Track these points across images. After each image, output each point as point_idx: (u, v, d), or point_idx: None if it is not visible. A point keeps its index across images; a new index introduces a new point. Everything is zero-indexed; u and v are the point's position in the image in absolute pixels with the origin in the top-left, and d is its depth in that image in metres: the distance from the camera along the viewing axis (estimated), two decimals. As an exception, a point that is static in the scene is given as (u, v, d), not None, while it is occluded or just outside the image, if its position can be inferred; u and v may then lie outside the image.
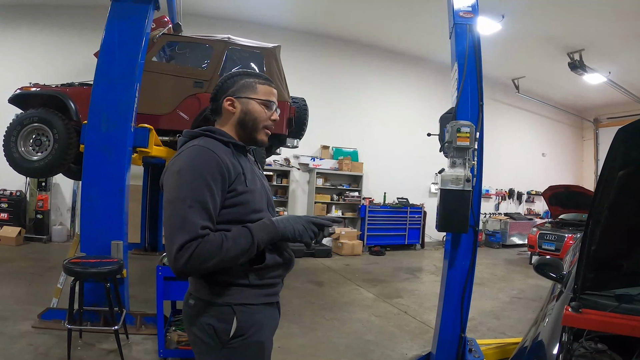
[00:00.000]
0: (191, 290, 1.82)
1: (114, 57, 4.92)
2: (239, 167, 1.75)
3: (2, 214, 9.45)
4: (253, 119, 1.86)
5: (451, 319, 4.04)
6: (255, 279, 1.75)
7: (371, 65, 12.61)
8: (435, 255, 11.51)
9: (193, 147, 1.69)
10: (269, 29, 10.70)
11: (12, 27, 10.16)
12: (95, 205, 4.70)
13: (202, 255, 1.52)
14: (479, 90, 4.21)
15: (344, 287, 7.44)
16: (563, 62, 11.76)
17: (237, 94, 1.86)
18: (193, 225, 1.53)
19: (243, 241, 1.62)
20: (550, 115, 16.69)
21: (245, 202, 1.73)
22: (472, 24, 4.33)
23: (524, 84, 14.36)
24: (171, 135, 5.88)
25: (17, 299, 5.53)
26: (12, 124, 5.69)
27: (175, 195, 1.59)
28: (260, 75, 1.93)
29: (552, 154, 16.73)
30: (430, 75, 13.26)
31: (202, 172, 1.61)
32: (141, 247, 8.55)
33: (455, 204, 3.71)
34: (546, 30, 10.41)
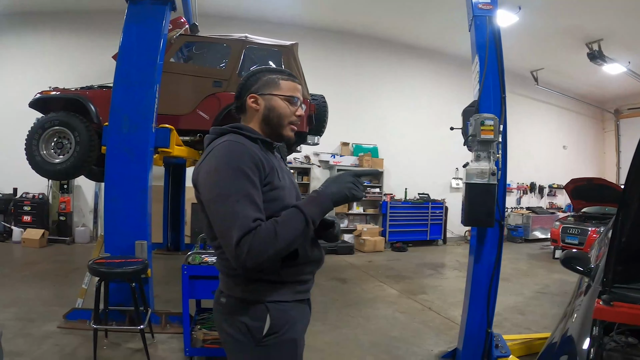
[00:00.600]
0: (222, 288, 1.80)
1: (133, 59, 4.94)
2: (271, 162, 1.73)
3: (26, 216, 9.58)
4: (277, 115, 1.83)
5: (477, 315, 4.00)
6: (288, 276, 1.73)
7: (389, 60, 12.53)
8: (457, 251, 11.42)
9: (225, 142, 1.67)
10: (284, 27, 10.67)
11: (32, 32, 10.36)
12: (118, 206, 4.74)
13: (259, 246, 1.48)
14: (500, 83, 4.16)
15: (367, 283, 7.41)
16: (582, 52, 11.54)
17: (260, 90, 1.84)
18: (244, 219, 1.50)
19: (295, 221, 1.57)
20: (570, 107, 16.42)
21: (279, 198, 1.71)
22: (491, 15, 4.28)
23: (543, 76, 14.14)
24: (192, 135, 5.89)
25: (42, 300, 5.60)
26: (34, 127, 5.76)
27: (219, 193, 1.57)
28: (283, 71, 1.91)
29: (573, 146, 16.46)
30: (450, 70, 13.13)
31: (240, 166, 1.59)
32: (163, 247, 8.61)
33: (481, 197, 3.66)
34: (564, 21, 10.23)
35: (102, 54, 7.84)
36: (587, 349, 2.15)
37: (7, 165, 9.51)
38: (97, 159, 5.70)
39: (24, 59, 10.30)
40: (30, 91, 6.31)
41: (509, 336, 4.57)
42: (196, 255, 3.95)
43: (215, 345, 3.94)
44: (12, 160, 8.14)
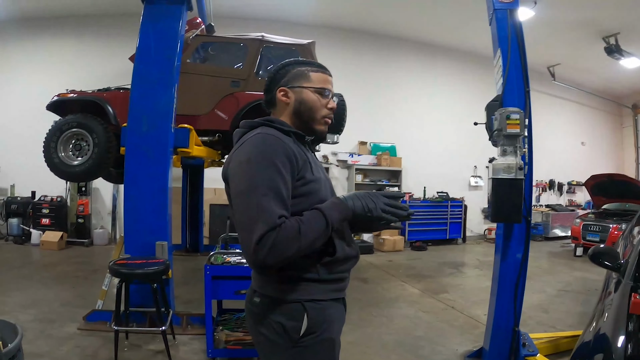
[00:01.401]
0: (255, 287, 1.73)
1: (151, 60, 4.92)
2: (304, 155, 1.68)
3: (44, 219, 9.62)
4: (308, 108, 1.77)
5: (504, 313, 3.92)
6: (326, 273, 1.67)
7: (406, 59, 12.45)
8: (477, 250, 11.30)
9: (257, 135, 1.62)
10: (300, 26, 10.59)
11: (49, 36, 10.47)
12: (138, 207, 4.72)
13: (282, 244, 1.43)
14: (524, 76, 4.11)
15: (388, 283, 7.34)
16: (599, 47, 11.35)
17: (290, 83, 1.78)
18: (270, 214, 1.45)
19: (317, 223, 1.52)
20: (588, 103, 16.17)
21: (314, 192, 1.66)
22: (512, 8, 4.20)
23: (560, 71, 13.90)
24: (210, 135, 5.87)
25: (62, 301, 5.61)
26: (52, 130, 5.77)
27: (247, 185, 1.51)
28: (313, 63, 1.85)
29: (591, 142, 16.21)
30: (467, 67, 13.05)
31: (271, 159, 1.53)
32: (182, 248, 8.61)
33: (508, 193, 3.58)
34: (579, 15, 10.05)
35: (118, 56, 7.89)
36: (623, 346, 2.11)
37: (25, 169, 9.59)
38: (115, 160, 5.71)
39: (41, 62, 10.39)
40: (47, 94, 6.34)
41: (535, 335, 4.48)
42: (218, 255, 3.92)
43: (238, 346, 3.91)
44: (30, 163, 8.21)
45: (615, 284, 2.91)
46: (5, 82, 10.40)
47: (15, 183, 10.21)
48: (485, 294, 6.40)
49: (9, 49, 10.46)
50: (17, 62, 10.44)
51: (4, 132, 10.17)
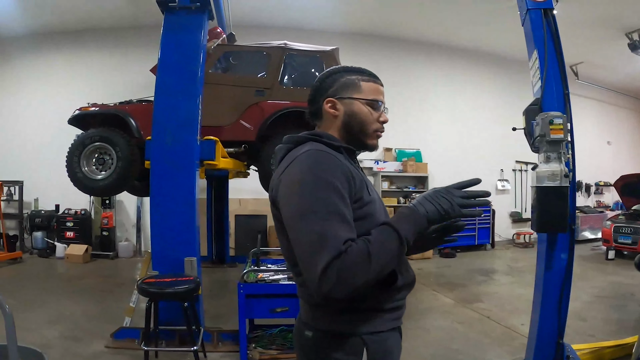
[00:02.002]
0: (305, 319, 1.57)
1: (173, 71, 4.85)
2: (360, 174, 1.53)
3: (69, 232, 9.65)
4: (359, 121, 1.61)
5: (548, 324, 3.73)
6: (385, 302, 1.51)
7: (428, 63, 12.31)
8: (507, 255, 11.05)
9: (309, 152, 1.45)
10: (322, 34, 10.50)
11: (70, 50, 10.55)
12: (165, 222, 4.62)
13: (351, 271, 1.25)
14: (562, 78, 3.92)
15: (420, 292, 7.13)
16: (622, 43, 11.08)
17: (339, 94, 1.61)
18: (334, 240, 1.28)
19: (389, 241, 1.34)
20: (613, 101, 15.82)
21: (372, 214, 1.49)
22: (547, 7, 4.04)
23: (583, 70, 13.60)
24: (236, 146, 5.78)
25: (88, 317, 5.55)
26: (74, 144, 5.72)
27: (305, 209, 1.34)
28: (363, 71, 1.67)
29: (617, 141, 15.84)
30: (492, 70, 12.91)
31: (328, 179, 1.37)
32: (208, 260, 8.53)
33: (553, 201, 3.41)
34: (602, 12, 9.85)
35: (139, 68, 7.88)
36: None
37: (49, 183, 9.67)
38: (139, 173, 5.64)
39: (63, 75, 10.48)
40: (69, 108, 6.31)
41: (576, 345, 4.28)
42: (251, 272, 3.80)
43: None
44: (54, 177, 8.27)
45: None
46: (27, 97, 10.52)
47: (39, 197, 10.29)
48: (520, 303, 6.30)
49: (31, 63, 10.57)
50: (38, 77, 10.54)
51: (27, 146, 10.28)
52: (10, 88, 10.61)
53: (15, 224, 10.06)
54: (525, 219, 13.04)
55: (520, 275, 8.44)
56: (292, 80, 6.27)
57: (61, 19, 9.94)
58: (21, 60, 10.59)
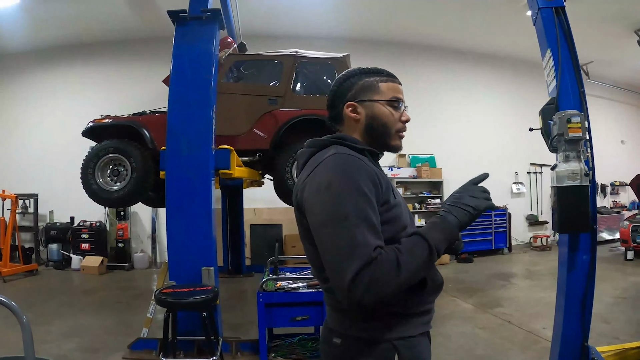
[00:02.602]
0: (333, 326, 1.54)
1: (187, 81, 4.85)
2: (385, 177, 1.50)
3: (84, 244, 9.72)
4: (382, 123, 1.58)
5: (573, 327, 3.66)
6: (415, 306, 1.48)
7: (440, 67, 12.28)
8: (525, 259, 10.95)
9: (335, 155, 1.43)
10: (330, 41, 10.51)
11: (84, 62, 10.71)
12: (182, 232, 4.60)
13: (380, 280, 1.24)
14: (577, 76, 3.87)
15: (440, 298, 6.86)
16: (631, 40, 11.00)
17: (359, 97, 1.59)
18: (364, 247, 1.26)
19: (419, 250, 1.32)
20: (625, 100, 15.67)
21: (398, 217, 1.46)
22: (558, 6, 4.01)
23: (594, 69, 13.44)
24: (250, 155, 5.77)
25: (106, 329, 5.56)
26: (88, 156, 5.74)
27: (333, 215, 1.32)
28: (380, 72, 1.65)
29: (631, 140, 15.65)
30: (504, 72, 12.85)
31: (357, 184, 1.34)
32: (225, 270, 8.51)
33: (574, 201, 3.34)
34: (610, 9, 9.77)
35: (152, 79, 7.92)
36: None
37: (64, 195, 9.72)
38: (154, 184, 5.65)
39: (75, 88, 10.61)
40: (83, 120, 6.34)
41: (601, 348, 4.20)
42: (269, 281, 3.78)
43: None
44: (69, 189, 8.30)
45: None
46: (41, 110, 10.66)
47: (54, 209, 10.40)
48: (541, 306, 6.22)
49: (43, 77, 10.73)
50: (51, 90, 10.70)
51: (41, 159, 10.38)
52: (24, 102, 10.75)
53: (31, 237, 10.15)
54: (541, 221, 12.92)
55: (540, 279, 8.34)
56: (305, 87, 6.26)
57: (72, 33, 10.06)
58: (34, 74, 10.74)
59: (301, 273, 4.24)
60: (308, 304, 3.61)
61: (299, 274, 4.24)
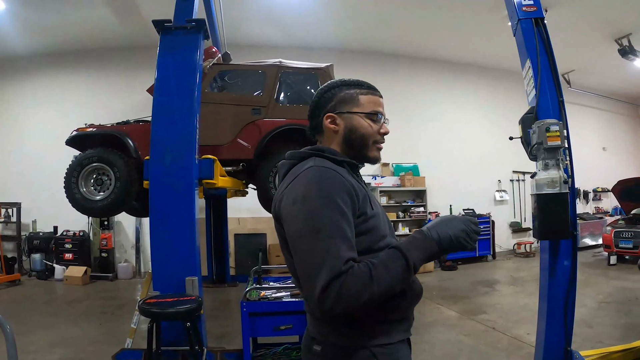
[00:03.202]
0: (313, 334, 1.56)
1: (171, 91, 4.83)
2: (363, 188, 1.53)
3: (67, 254, 9.61)
4: (360, 135, 1.62)
5: (555, 332, 3.71)
6: (394, 314, 1.51)
7: (422, 77, 12.44)
8: (508, 266, 11.07)
9: (312, 168, 1.46)
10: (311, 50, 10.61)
11: (67, 70, 10.67)
12: (165, 242, 4.56)
13: (350, 292, 1.28)
14: (556, 85, 3.95)
15: (424, 306, 7.08)
16: (612, 49, 11.24)
17: (338, 109, 1.63)
18: (335, 259, 1.30)
19: (395, 265, 1.36)
20: (605, 107, 15.98)
21: (376, 228, 1.50)
22: (537, 17, 4.09)
23: (575, 78, 13.71)
24: (234, 164, 5.75)
25: (90, 339, 5.52)
26: (72, 165, 5.69)
27: (308, 227, 1.36)
28: (361, 84, 1.68)
29: (612, 147, 15.95)
30: (485, 82, 13.08)
31: (332, 196, 1.38)
32: (209, 280, 8.44)
33: (554, 208, 3.42)
34: (590, 19, 9.99)
35: (136, 88, 7.91)
36: None
37: (47, 204, 9.64)
38: (137, 194, 5.62)
39: (60, 97, 10.54)
40: (66, 128, 6.29)
41: (585, 352, 4.27)
42: (253, 290, 3.77)
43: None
44: (52, 198, 8.24)
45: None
46: (24, 118, 10.57)
47: (37, 218, 10.27)
48: (525, 312, 6.28)
49: (28, 84, 10.67)
50: (35, 98, 10.62)
51: (24, 168, 10.28)
52: (7, 109, 10.65)
53: (13, 246, 10.02)
54: (525, 228, 13.06)
55: (523, 285, 8.43)
56: (288, 97, 6.29)
57: (57, 41, 10.02)
58: (18, 82, 10.67)
59: (285, 282, 4.24)
60: (292, 313, 3.61)
61: (283, 283, 4.23)
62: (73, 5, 8.58)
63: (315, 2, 9.10)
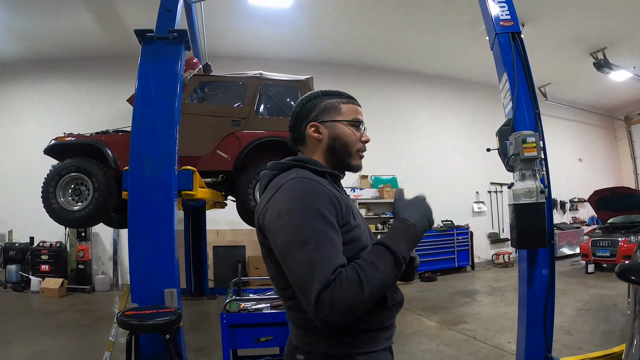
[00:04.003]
0: (296, 343, 1.56)
1: (151, 101, 4.78)
2: (345, 198, 1.55)
3: (44, 265, 9.44)
4: (344, 144, 1.65)
5: (536, 340, 3.76)
6: (376, 322, 1.52)
7: (401, 90, 12.59)
8: (487, 276, 11.16)
9: (295, 179, 1.47)
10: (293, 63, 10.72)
11: (45, 79, 10.50)
12: (144, 253, 4.48)
13: (341, 299, 1.27)
14: (532, 98, 4.04)
15: (404, 317, 7.10)
16: (587, 62, 11.54)
17: (321, 117, 1.65)
18: (322, 270, 1.30)
19: (384, 262, 1.36)
20: (581, 120, 16.35)
21: (358, 238, 1.51)
22: (514, 31, 4.19)
23: (551, 90, 14.01)
24: (213, 176, 5.74)
25: (67, 352, 5.44)
26: (50, 175, 5.60)
27: (295, 239, 1.36)
28: (341, 94, 1.72)
29: (588, 158, 16.31)
30: (462, 95, 13.30)
31: (316, 207, 1.39)
32: (188, 292, 8.33)
33: (531, 217, 3.50)
34: (567, 33, 10.25)
35: (116, 98, 7.85)
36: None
37: (23, 214, 9.46)
38: (116, 204, 5.55)
39: (38, 106, 10.38)
40: (45, 138, 6.20)
41: (565, 359, 4.37)
42: (233, 302, 3.75)
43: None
44: (29, 208, 8.10)
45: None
46: (1, 127, 10.34)
47: (13, 229, 10.04)
48: (505, 321, 6.35)
49: (5, 92, 10.48)
50: (14, 107, 10.44)
51: (1, 177, 10.06)
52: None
53: (-11, 257, 9.76)
54: (503, 239, 13.22)
55: (503, 295, 8.51)
56: (268, 109, 6.31)
57: (36, 48, 9.89)
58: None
59: (265, 294, 4.23)
60: (272, 325, 3.60)
61: (263, 295, 4.22)
62: (55, 13, 8.51)
63: (295, 16, 9.17)
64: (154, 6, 4.93)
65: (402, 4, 8.95)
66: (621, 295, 7.04)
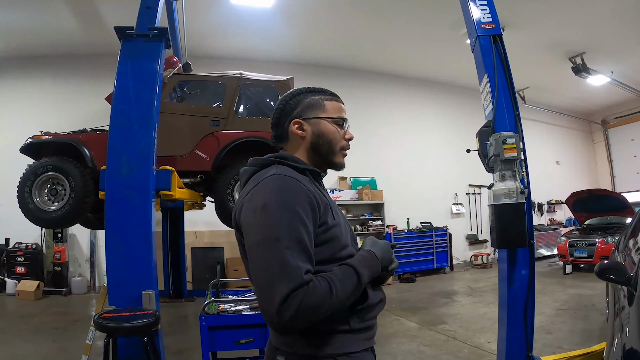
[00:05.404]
0: (277, 344, 1.53)
1: (130, 100, 4.70)
2: (324, 197, 1.52)
3: (19, 267, 9.24)
4: (327, 141, 1.63)
5: (516, 340, 3.78)
6: (357, 323, 1.50)
7: (381, 92, 12.61)
8: (466, 277, 11.25)
9: (273, 176, 1.45)
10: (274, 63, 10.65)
11: (19, 77, 10.22)
12: (121, 255, 4.40)
13: (311, 305, 1.27)
14: (512, 100, 4.07)
15: (383, 318, 7.06)
16: (566, 67, 11.74)
17: (305, 114, 1.63)
18: (295, 270, 1.28)
19: (349, 282, 1.38)
20: (559, 123, 16.61)
21: (336, 237, 1.50)
22: (495, 34, 4.22)
23: (530, 94, 14.18)
24: (191, 176, 5.67)
25: (42, 356, 5.34)
26: (26, 174, 5.49)
27: (267, 236, 1.33)
28: (324, 91, 1.71)
29: (565, 161, 16.58)
30: (441, 97, 13.40)
31: (292, 205, 1.37)
32: (166, 295, 8.24)
33: (511, 218, 3.52)
34: (546, 38, 10.40)
35: (94, 97, 7.71)
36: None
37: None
38: (93, 205, 5.45)
39: (14, 104, 10.13)
40: (21, 136, 6.04)
41: (546, 357, 4.40)
42: (212, 304, 3.69)
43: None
44: (3, 209, 7.91)
45: (628, 298, 2.83)
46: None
47: (-12, 230, 9.75)
48: (484, 321, 6.39)
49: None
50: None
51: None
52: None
53: (-38, 260, 9.50)
54: (481, 240, 13.35)
55: (482, 295, 8.59)
56: (248, 109, 6.27)
57: (12, 45, 9.67)
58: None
59: (244, 295, 4.19)
60: (252, 326, 3.55)
61: (242, 296, 4.18)
62: (36, 9, 8.36)
63: (276, 16, 9.14)
64: (135, 4, 4.84)
65: (384, 7, 8.97)
66: (599, 295, 7.19)
